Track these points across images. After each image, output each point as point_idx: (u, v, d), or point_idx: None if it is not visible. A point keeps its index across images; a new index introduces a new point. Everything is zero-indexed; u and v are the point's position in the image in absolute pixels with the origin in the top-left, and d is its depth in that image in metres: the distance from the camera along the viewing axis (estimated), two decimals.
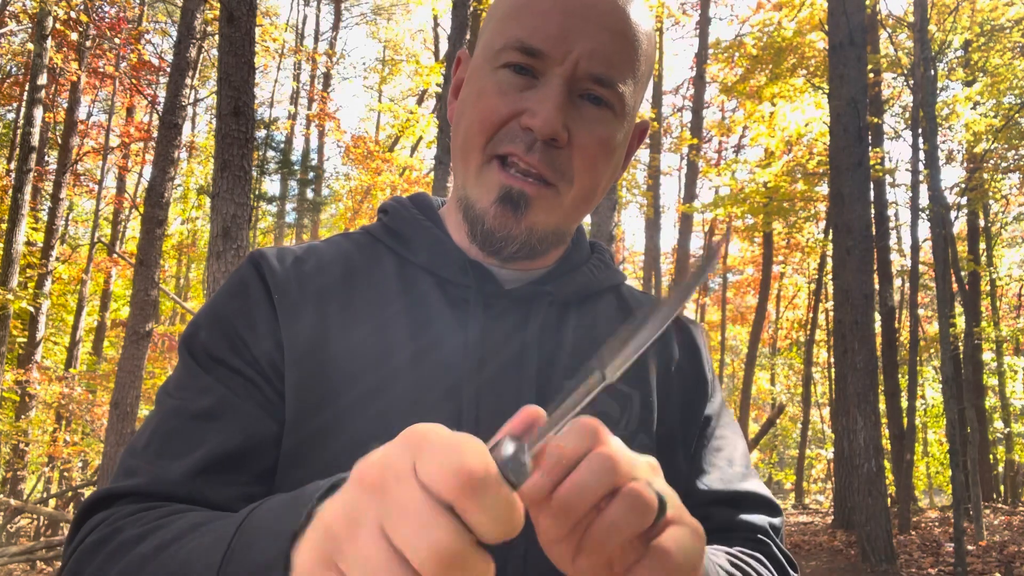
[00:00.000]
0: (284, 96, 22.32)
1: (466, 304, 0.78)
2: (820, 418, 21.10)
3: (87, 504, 0.68)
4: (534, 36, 0.72)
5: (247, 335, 0.75)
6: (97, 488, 0.75)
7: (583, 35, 0.72)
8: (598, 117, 0.75)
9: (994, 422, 13.67)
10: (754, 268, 21.50)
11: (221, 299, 0.79)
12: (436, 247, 0.81)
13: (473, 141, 0.76)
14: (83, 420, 12.09)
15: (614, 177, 0.82)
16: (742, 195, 13.83)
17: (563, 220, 0.79)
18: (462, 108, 0.79)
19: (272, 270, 0.79)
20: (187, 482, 0.67)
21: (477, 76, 0.78)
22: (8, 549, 7.09)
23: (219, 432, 0.70)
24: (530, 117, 0.72)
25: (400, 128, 16.40)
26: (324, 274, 0.80)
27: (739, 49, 13.60)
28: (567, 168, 0.75)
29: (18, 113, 13.36)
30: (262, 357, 0.74)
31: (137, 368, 6.40)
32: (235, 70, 4.77)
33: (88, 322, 15.27)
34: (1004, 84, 11.49)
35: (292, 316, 0.76)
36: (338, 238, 0.87)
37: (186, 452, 0.69)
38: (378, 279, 0.80)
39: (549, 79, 0.73)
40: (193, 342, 0.76)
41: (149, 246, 6.56)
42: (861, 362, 7.47)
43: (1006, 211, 14.82)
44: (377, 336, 0.75)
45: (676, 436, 0.82)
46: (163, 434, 0.71)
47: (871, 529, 7.28)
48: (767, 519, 0.81)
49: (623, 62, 0.74)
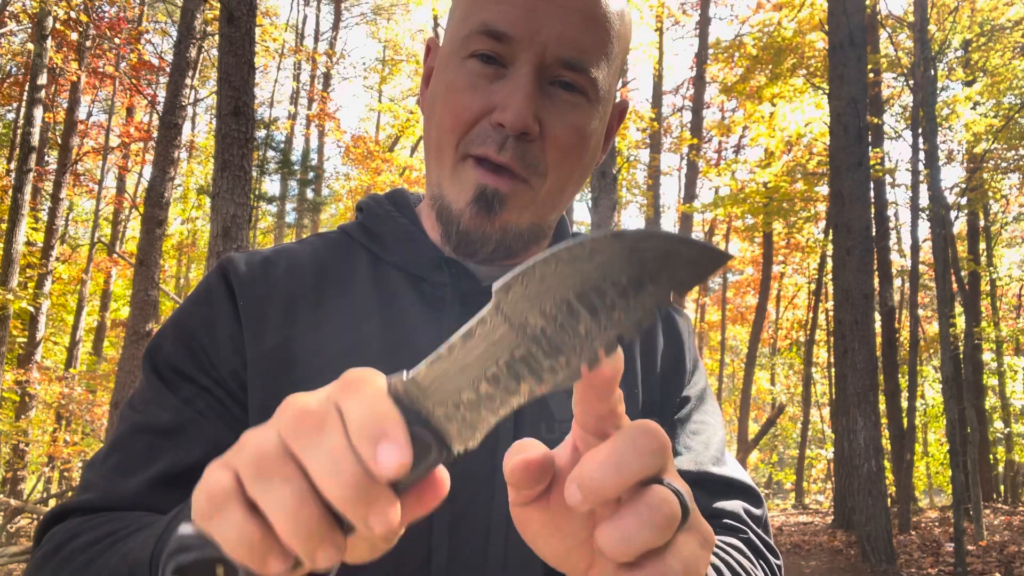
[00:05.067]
0: (284, 96, 22.34)
1: (442, 302, 0.77)
2: (820, 418, 21.10)
3: (46, 519, 0.69)
4: (500, 19, 0.70)
5: (209, 346, 0.74)
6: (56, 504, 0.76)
7: (550, 17, 0.70)
8: (571, 104, 0.73)
9: (994, 422, 13.67)
10: (754, 268, 21.50)
11: (186, 308, 0.78)
12: (410, 245, 0.80)
13: (445, 139, 0.74)
14: (83, 420, 12.11)
15: (592, 164, 0.80)
16: (742, 195, 13.84)
17: (538, 215, 0.77)
18: (432, 101, 0.78)
19: (238, 275, 0.77)
20: (140, 497, 0.67)
21: (446, 67, 0.76)
22: (8, 549, 7.09)
23: (177, 448, 0.69)
24: (500, 112, 0.70)
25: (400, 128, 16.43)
26: (294, 275, 0.78)
27: (739, 49, 13.61)
28: (540, 161, 0.73)
29: (18, 113, 13.36)
30: (224, 368, 0.73)
31: (137, 368, 6.41)
32: (235, 70, 4.77)
33: (88, 322, 15.27)
34: (1004, 84, 11.50)
35: (257, 321, 0.74)
36: (312, 238, 0.86)
37: (142, 467, 0.68)
38: (350, 279, 0.79)
39: (518, 68, 0.71)
40: (156, 355, 0.75)
41: (149, 246, 6.56)
42: (861, 362, 7.47)
43: (1006, 211, 14.83)
44: (347, 336, 0.74)
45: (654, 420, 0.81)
46: (123, 450, 0.71)
47: (871, 529, 7.28)
48: (743, 505, 0.79)
49: (594, 45, 0.72)
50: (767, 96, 12.93)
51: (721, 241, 22.88)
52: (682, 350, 0.86)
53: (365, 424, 0.36)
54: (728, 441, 0.97)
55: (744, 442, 15.19)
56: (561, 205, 0.80)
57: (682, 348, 0.86)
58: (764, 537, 0.78)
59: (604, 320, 0.38)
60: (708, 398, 0.88)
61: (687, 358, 0.86)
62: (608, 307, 0.38)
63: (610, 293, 0.38)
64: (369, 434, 0.35)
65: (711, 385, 1.04)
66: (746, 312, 22.74)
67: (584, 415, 0.41)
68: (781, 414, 17.83)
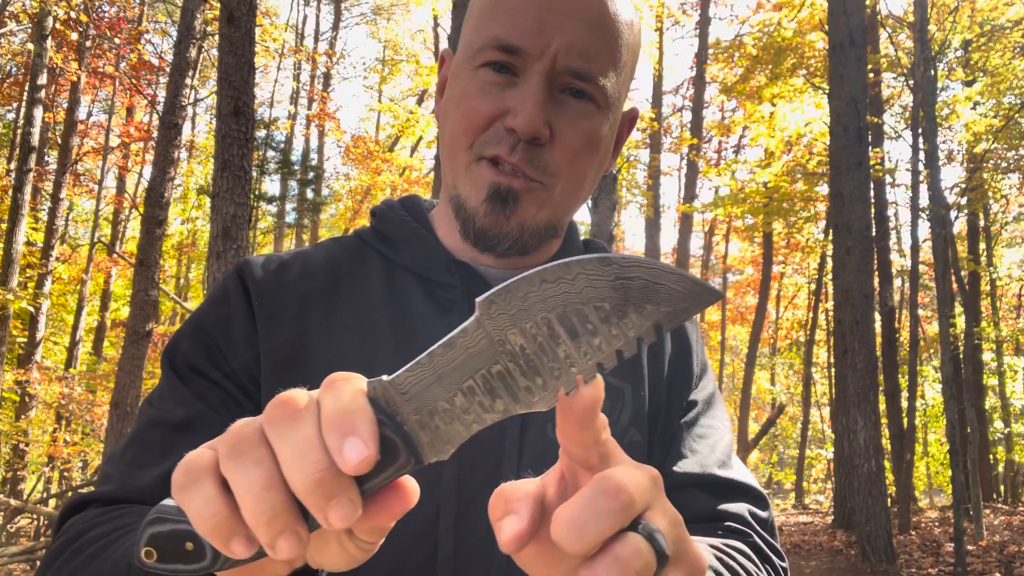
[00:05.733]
0: (284, 96, 22.33)
1: (452, 304, 0.78)
2: (820, 418, 21.10)
3: (65, 509, 0.72)
4: (511, 33, 0.72)
5: (225, 345, 0.76)
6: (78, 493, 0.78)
7: (560, 29, 0.72)
8: (581, 111, 0.75)
9: (994, 422, 13.67)
10: (754, 268, 21.50)
11: (204, 309, 0.80)
12: (421, 248, 0.82)
13: (459, 142, 0.77)
14: (83, 420, 12.10)
15: (602, 169, 0.82)
16: (742, 195, 13.84)
17: (554, 214, 0.79)
18: (446, 108, 0.80)
19: (254, 278, 0.80)
20: (156, 489, 0.68)
21: (459, 76, 0.78)
22: (8, 549, 7.08)
23: (191, 441, 0.70)
24: (512, 117, 0.72)
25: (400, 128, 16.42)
26: (309, 279, 0.80)
27: (739, 49, 13.60)
28: (551, 164, 0.75)
29: (18, 113, 13.36)
30: (240, 367, 0.75)
31: (137, 368, 6.41)
32: (235, 70, 4.77)
33: (88, 322, 15.27)
34: (1004, 84, 11.50)
35: (272, 323, 0.77)
36: (328, 242, 0.88)
37: (158, 461, 0.70)
38: (363, 283, 0.81)
39: (529, 76, 0.73)
40: (175, 354, 0.78)
41: (149, 246, 6.56)
42: (861, 362, 7.47)
43: (1006, 211, 14.83)
44: (359, 340, 0.76)
45: (660, 426, 0.82)
46: (139, 444, 0.73)
47: (871, 529, 7.28)
48: (749, 507, 0.80)
49: (602, 54, 0.74)
50: (767, 96, 12.93)
51: (721, 241, 22.90)
52: (690, 355, 0.88)
53: (336, 418, 0.37)
54: None
55: (744, 442, 15.18)
56: (574, 207, 0.82)
57: (690, 353, 0.88)
58: (769, 540, 0.79)
59: (584, 346, 0.38)
60: (716, 403, 0.89)
61: (695, 363, 0.88)
62: (589, 332, 0.38)
63: (592, 318, 0.37)
64: (338, 427, 0.37)
65: None
66: (746, 312, 22.75)
67: (566, 442, 0.41)
68: (781, 414, 17.83)
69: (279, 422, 0.38)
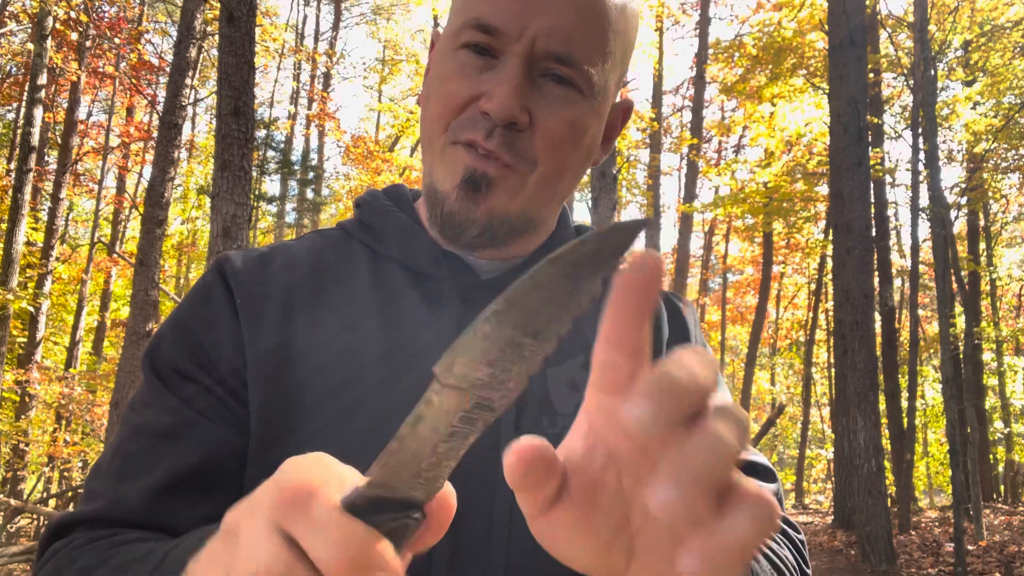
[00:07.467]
0: (284, 96, 22.34)
1: (440, 296, 0.76)
2: (820, 418, 21.11)
3: (50, 530, 0.68)
4: (491, 13, 0.70)
5: (209, 344, 0.73)
6: (62, 512, 0.74)
7: (542, 11, 0.69)
8: (562, 97, 0.72)
9: (994, 422, 13.68)
10: (754, 268, 21.50)
11: (184, 308, 0.77)
12: (407, 239, 0.79)
13: (435, 126, 0.74)
14: (83, 420, 12.10)
15: (588, 161, 0.79)
16: (742, 195, 13.84)
17: (528, 204, 0.75)
18: (427, 92, 0.77)
19: (235, 272, 0.76)
20: (146, 506, 0.66)
21: (440, 59, 0.76)
22: (8, 549, 7.08)
23: (179, 450, 0.68)
24: (487, 100, 0.69)
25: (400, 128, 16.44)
26: (292, 272, 0.77)
27: (739, 49, 13.61)
28: (529, 151, 0.72)
29: (18, 113, 13.36)
30: (224, 366, 0.72)
31: (137, 368, 6.41)
32: (235, 70, 4.77)
33: (88, 322, 15.27)
34: (1004, 84, 11.50)
35: (255, 318, 0.74)
36: (311, 235, 0.85)
37: (144, 473, 0.68)
38: (348, 275, 0.78)
39: (507, 59, 0.70)
40: (156, 356, 0.74)
41: (149, 246, 6.56)
42: (861, 362, 7.47)
43: (1006, 211, 14.84)
44: (345, 333, 0.73)
45: None
46: (124, 454, 0.70)
47: (871, 529, 7.28)
48: (756, 482, 0.78)
49: (587, 40, 0.71)
50: (767, 96, 12.93)
51: (721, 241, 22.89)
52: (688, 338, 0.86)
53: (344, 567, 0.33)
54: None
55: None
56: (554, 199, 0.78)
57: (688, 336, 0.87)
58: (784, 515, 0.77)
59: (547, 340, 0.36)
60: (720, 385, 0.88)
61: (693, 343, 0.87)
62: (551, 329, 0.36)
63: (553, 318, 0.35)
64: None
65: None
66: (746, 312, 22.75)
67: (612, 349, 0.35)
68: (781, 414, 17.82)
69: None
